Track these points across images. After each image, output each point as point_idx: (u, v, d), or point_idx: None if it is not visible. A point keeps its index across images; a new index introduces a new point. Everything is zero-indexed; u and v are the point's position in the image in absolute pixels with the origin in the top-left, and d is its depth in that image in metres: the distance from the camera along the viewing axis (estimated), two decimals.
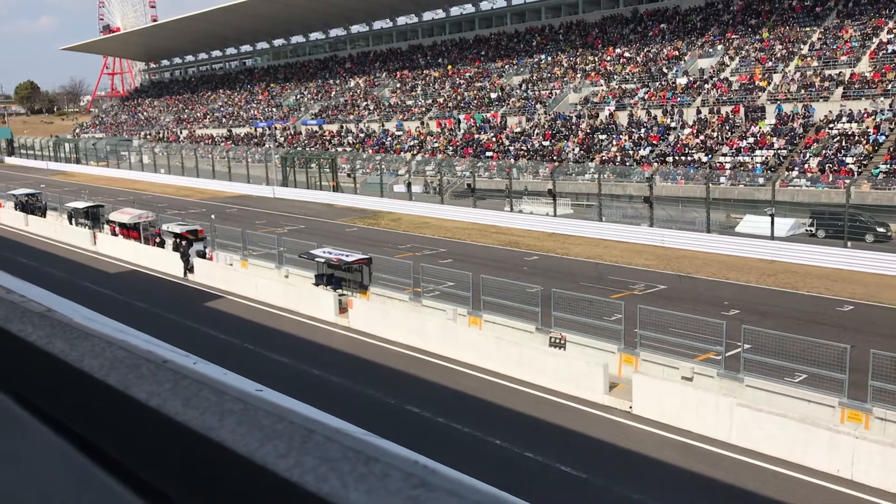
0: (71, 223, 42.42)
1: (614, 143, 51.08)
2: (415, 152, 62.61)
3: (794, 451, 14.67)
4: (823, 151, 41.58)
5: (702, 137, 47.39)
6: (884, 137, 40.57)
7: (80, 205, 42.58)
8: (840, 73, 47.36)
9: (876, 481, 13.75)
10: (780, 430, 14.89)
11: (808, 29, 53.80)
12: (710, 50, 57.88)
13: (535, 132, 57.08)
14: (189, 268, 31.47)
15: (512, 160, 52.80)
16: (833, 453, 14.24)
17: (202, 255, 31.97)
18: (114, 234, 37.75)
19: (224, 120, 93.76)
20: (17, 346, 0.94)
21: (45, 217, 46.11)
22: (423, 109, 70.46)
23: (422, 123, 67.57)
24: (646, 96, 54.97)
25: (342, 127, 75.07)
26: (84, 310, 27.66)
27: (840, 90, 45.93)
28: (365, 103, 78.18)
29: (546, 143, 54.70)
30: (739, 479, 14.28)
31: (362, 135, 71.51)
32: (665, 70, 57.76)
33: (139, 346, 0.88)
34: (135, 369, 0.81)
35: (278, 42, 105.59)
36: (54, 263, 35.21)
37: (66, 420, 0.83)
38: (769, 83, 49.85)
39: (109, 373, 0.81)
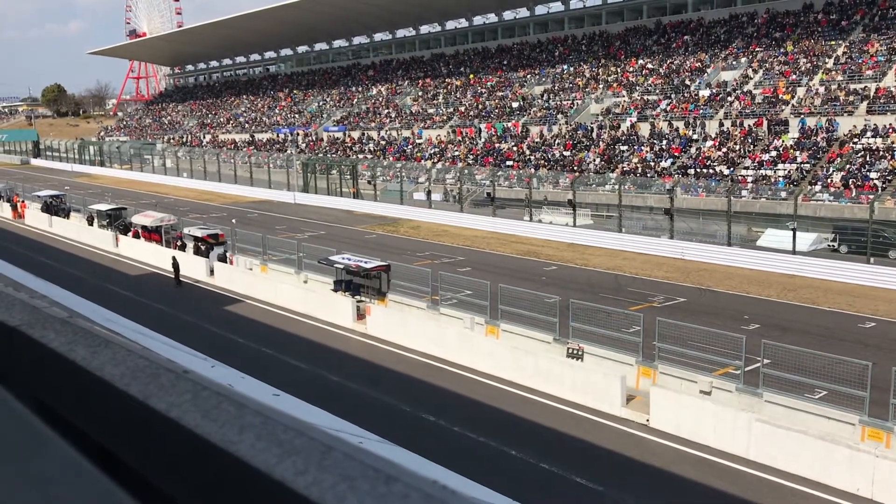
0: (91, 225, 42.81)
1: (635, 154, 50.90)
2: (435, 160, 62.73)
3: (813, 469, 14.49)
4: (847, 166, 41.19)
5: (724, 150, 47.11)
6: None
7: (103, 207, 43.01)
8: (865, 87, 46.93)
9: None
10: (798, 447, 14.72)
11: (833, 42, 53.40)
12: (734, 62, 57.59)
13: (556, 142, 57.01)
14: (179, 277, 31.09)
15: (532, 170, 52.74)
16: (853, 472, 14.05)
17: (223, 258, 32.17)
18: (136, 236, 38.06)
19: (247, 125, 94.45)
20: (39, 353, 0.95)
21: (68, 218, 46.59)
22: (445, 118, 70.61)
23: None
24: (668, 108, 54.76)
25: (363, 134, 75.38)
26: (105, 311, 27.86)
27: (865, 105, 45.51)
28: (386, 111, 78.47)
29: (567, 154, 54.61)
30: (757, 496, 14.12)
31: (383, 142, 71.76)
32: (688, 82, 57.51)
33: (160, 355, 0.88)
34: (155, 379, 0.81)
35: (302, 49, 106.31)
36: (77, 264, 35.58)
37: (87, 429, 0.84)
38: (793, 97, 49.49)
39: (130, 382, 0.81)
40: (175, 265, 31.15)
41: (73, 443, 0.78)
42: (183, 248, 34.57)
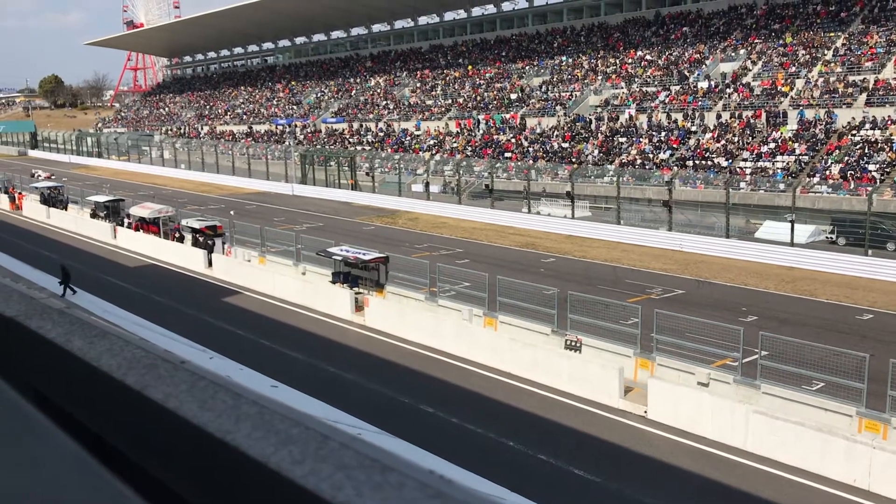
0: (94, 219, 42.73)
1: (634, 146, 50.84)
2: (433, 152, 62.62)
3: (810, 460, 14.54)
4: (845, 158, 41.16)
5: (722, 142, 47.06)
6: None
7: (101, 198, 42.94)
8: (864, 79, 46.86)
9: (894, 492, 13.60)
10: (796, 439, 14.76)
11: (832, 34, 53.28)
12: (733, 54, 57.46)
13: (555, 134, 56.93)
14: (69, 285, 27.16)
15: (531, 161, 52.69)
16: (850, 463, 14.10)
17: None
18: (137, 229, 37.99)
19: (245, 117, 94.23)
20: (36, 343, 0.95)
21: (66, 210, 46.53)
22: (443, 109, 70.46)
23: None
24: (667, 100, 54.67)
25: (362, 125, 75.23)
26: (103, 303, 27.80)
27: (864, 97, 45.45)
28: (385, 102, 78.30)
29: (565, 145, 54.54)
30: (754, 487, 14.17)
31: (381, 134, 71.63)
32: (687, 73, 57.40)
33: (157, 346, 0.88)
34: (152, 369, 0.81)
35: (300, 40, 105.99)
36: (75, 256, 35.53)
37: (83, 419, 0.84)
38: (792, 88, 49.41)
39: (127, 372, 0.81)
40: (65, 273, 27.21)
41: (69, 432, 0.77)
42: (181, 239, 34.54)
